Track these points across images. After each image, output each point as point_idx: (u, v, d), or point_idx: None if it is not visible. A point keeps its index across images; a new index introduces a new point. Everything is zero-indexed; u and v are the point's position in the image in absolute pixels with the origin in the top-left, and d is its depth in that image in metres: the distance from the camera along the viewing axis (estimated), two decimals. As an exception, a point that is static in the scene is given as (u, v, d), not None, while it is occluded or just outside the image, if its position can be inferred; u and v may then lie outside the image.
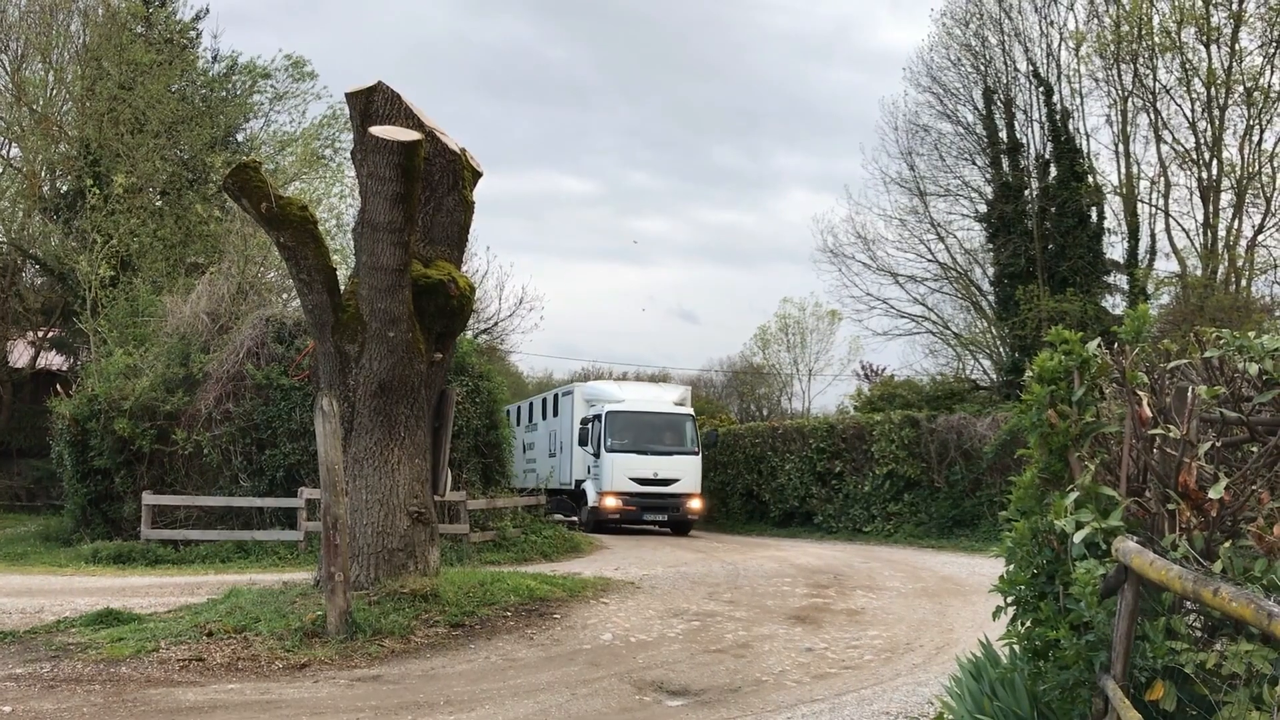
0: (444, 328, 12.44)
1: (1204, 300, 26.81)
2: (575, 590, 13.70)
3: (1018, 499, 5.85)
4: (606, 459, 27.03)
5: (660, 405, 28.90)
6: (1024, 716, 5.61)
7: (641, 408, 28.29)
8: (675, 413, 28.85)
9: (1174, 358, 5.35)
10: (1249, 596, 3.35)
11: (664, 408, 28.84)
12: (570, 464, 28.86)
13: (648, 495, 27.01)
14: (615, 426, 27.32)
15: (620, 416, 27.62)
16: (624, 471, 26.86)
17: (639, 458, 27.08)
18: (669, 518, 27.61)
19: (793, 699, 8.47)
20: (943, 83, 35.54)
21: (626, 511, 26.87)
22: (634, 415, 27.84)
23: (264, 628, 10.22)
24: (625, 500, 26.78)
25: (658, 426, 28.10)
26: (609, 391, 29.57)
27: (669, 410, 28.87)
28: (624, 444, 27.09)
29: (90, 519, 19.97)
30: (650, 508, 27.14)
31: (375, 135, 11.03)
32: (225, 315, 21.36)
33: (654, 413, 28.40)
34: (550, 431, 31.17)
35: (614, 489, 26.79)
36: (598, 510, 26.97)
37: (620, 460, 26.92)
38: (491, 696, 8.53)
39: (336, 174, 30.70)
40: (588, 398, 29.27)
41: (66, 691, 8.48)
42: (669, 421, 28.45)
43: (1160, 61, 30.78)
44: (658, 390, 31.35)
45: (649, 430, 27.76)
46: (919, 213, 36.37)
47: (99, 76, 28.48)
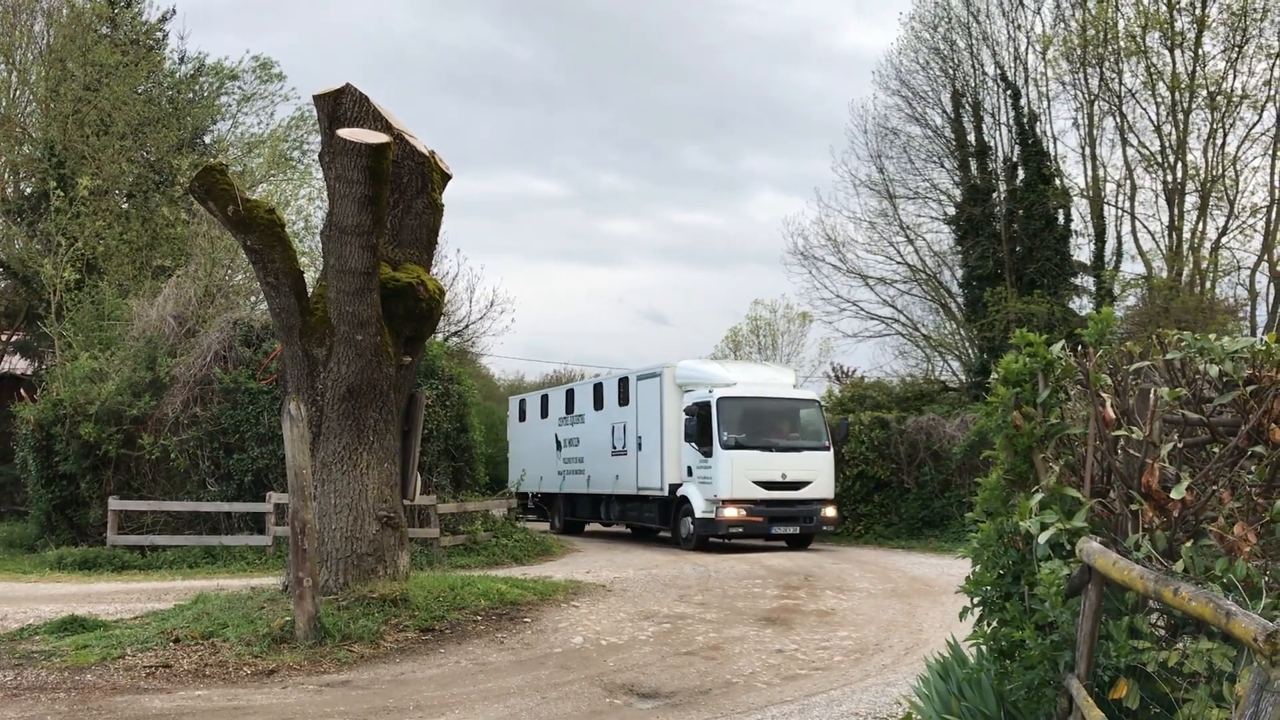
0: (413, 331, 12.40)
1: (1169, 302, 27.09)
2: (546, 594, 13.68)
3: (983, 500, 5.89)
4: (723, 458, 21.43)
5: (780, 389, 23.45)
6: (991, 716, 5.65)
7: (759, 392, 22.74)
8: (800, 398, 23.53)
9: (1137, 360, 5.41)
10: (1208, 596, 3.39)
11: (785, 392, 23.43)
12: (659, 464, 23.04)
13: (776, 503, 21.58)
14: (730, 416, 21.75)
15: (735, 404, 21.98)
16: (745, 473, 21.34)
17: (762, 455, 21.69)
18: (800, 530, 22.21)
19: (763, 700, 8.49)
20: (911, 86, 35.74)
21: (751, 524, 21.42)
22: (752, 402, 22.32)
23: (232, 634, 10.15)
24: (749, 509, 21.29)
25: (781, 416, 22.95)
26: (712, 373, 23.30)
27: (792, 395, 23.47)
28: (743, 438, 21.65)
29: (55, 525, 19.75)
30: (779, 518, 21.68)
31: (343, 138, 10.98)
32: (192, 318, 21.18)
33: (775, 398, 22.99)
34: (615, 424, 25.27)
35: (735, 495, 21.24)
36: (712, 522, 21.48)
37: (741, 459, 21.42)
38: (461, 701, 8.51)
39: (304, 176, 30.51)
40: (684, 381, 23.26)
41: (30, 700, 8.38)
42: (793, 409, 23.19)
43: (1126, 66, 31.08)
44: (770, 371, 25.82)
45: (771, 421, 22.62)
46: (888, 215, 36.55)
47: (63, 77, 28.17)
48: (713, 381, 22.50)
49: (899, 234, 36.42)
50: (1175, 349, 5.08)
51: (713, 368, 23.99)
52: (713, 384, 22.35)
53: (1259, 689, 2.93)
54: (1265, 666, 2.90)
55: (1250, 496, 4.63)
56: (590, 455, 26.46)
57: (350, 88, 11.77)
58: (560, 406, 28.60)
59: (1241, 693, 3.26)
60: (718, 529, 21.35)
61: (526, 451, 30.35)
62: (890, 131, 36.30)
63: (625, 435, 24.72)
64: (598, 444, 26.03)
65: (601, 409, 26.06)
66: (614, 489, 25.17)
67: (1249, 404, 4.74)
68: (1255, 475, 4.68)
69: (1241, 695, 3.18)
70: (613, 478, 25.13)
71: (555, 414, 28.77)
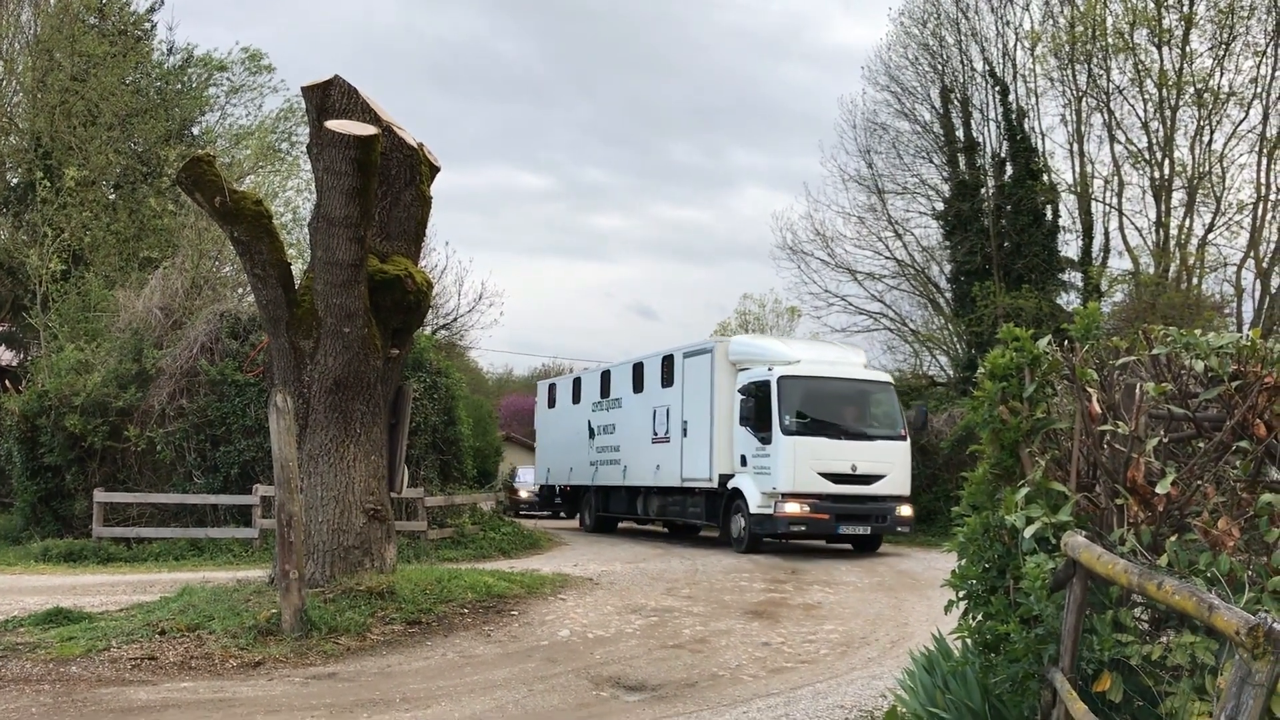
0: (401, 323, 12.37)
1: (1156, 298, 27.20)
2: (533, 587, 13.68)
3: (969, 494, 5.91)
4: (784, 445, 18.80)
5: (849, 369, 20.62)
6: (975, 709, 5.67)
7: (826, 371, 19.97)
8: (873, 380, 20.58)
9: (1123, 355, 5.43)
10: (1191, 589, 3.40)
11: (855, 372, 20.59)
12: (708, 452, 20.45)
13: (844, 499, 18.93)
14: (793, 398, 19.13)
15: (799, 384, 19.28)
16: (810, 463, 18.70)
17: (829, 443, 18.98)
18: (872, 530, 19.53)
19: (749, 693, 8.51)
20: (900, 81, 35.79)
21: (815, 521, 18.78)
22: (818, 383, 19.59)
23: (218, 626, 10.12)
24: (813, 505, 18.64)
25: (851, 399, 20.09)
26: (772, 349, 20.81)
27: (862, 377, 20.56)
28: (806, 424, 19.06)
29: (40, 517, 19.66)
30: (848, 516, 18.97)
31: (332, 130, 10.95)
32: (179, 310, 21.10)
33: (843, 379, 20.10)
34: (657, 408, 22.58)
35: (797, 489, 18.63)
36: (769, 519, 18.87)
37: (805, 447, 18.78)
38: (448, 693, 8.50)
39: (293, 168, 30.36)
40: (738, 358, 20.71)
41: (15, 692, 8.35)
42: (864, 393, 20.27)
43: (1114, 62, 31.17)
44: (837, 350, 22.76)
45: (840, 405, 19.85)
46: (877, 210, 36.60)
47: (50, 68, 27.99)
48: (772, 358, 19.98)
49: (888, 229, 36.51)
50: (1161, 344, 5.11)
51: (772, 343, 21.60)
52: (772, 361, 19.80)
53: (1241, 681, 2.95)
54: (1247, 660, 2.92)
55: (1235, 491, 4.66)
56: (627, 443, 23.93)
57: (339, 79, 11.74)
58: (594, 390, 26.06)
59: (1224, 685, 3.28)
60: (775, 527, 18.72)
61: (556, 441, 28.40)
62: (879, 127, 36.39)
63: (668, 420, 22.00)
64: (636, 431, 23.42)
65: (641, 391, 23.45)
66: (654, 481, 22.72)
67: (1234, 399, 4.77)
68: (1240, 470, 4.70)
69: (1224, 688, 3.20)
70: (653, 468, 22.61)
71: (588, 399, 26.30)
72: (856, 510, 18.95)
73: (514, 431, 54.04)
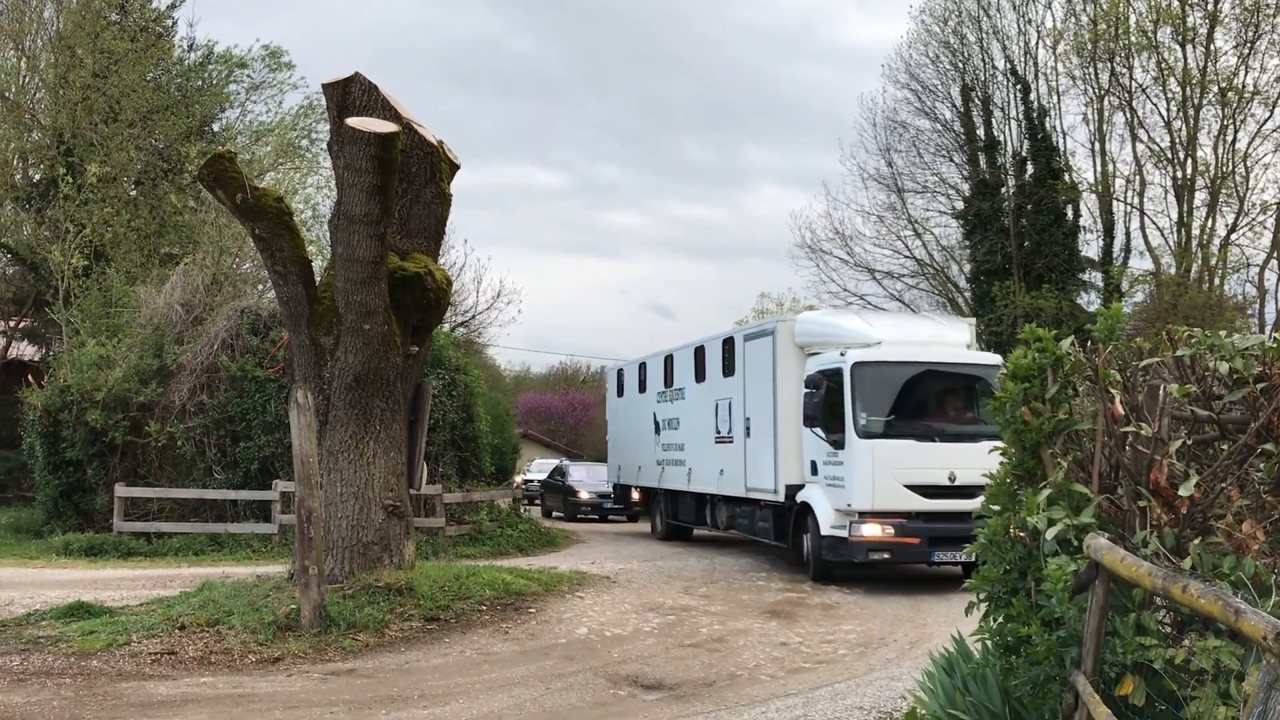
0: (420, 320, 12.40)
1: (1178, 298, 27.04)
2: (551, 585, 13.69)
3: (991, 495, 5.89)
4: (860, 450, 14.71)
5: (947, 350, 16.01)
6: (995, 711, 5.65)
7: (916, 355, 15.54)
8: (976, 363, 15.73)
9: (1146, 356, 5.39)
10: (1217, 593, 3.38)
11: (956, 355, 15.95)
12: (773, 457, 16.55)
13: (940, 517, 14.52)
14: (871, 389, 15.03)
15: (879, 372, 15.13)
16: (894, 473, 14.62)
17: (920, 447, 14.75)
18: None
19: (767, 693, 8.50)
20: (921, 80, 35.72)
21: (901, 546, 14.68)
22: (905, 369, 15.37)
23: (237, 621, 10.18)
24: (899, 527, 14.58)
25: (948, 390, 15.87)
26: (847, 327, 16.32)
27: (964, 360, 15.84)
28: (890, 423, 14.96)
29: (62, 511, 19.80)
30: (945, 539, 14.45)
31: (352, 127, 10.98)
32: (200, 306, 21.19)
33: (941, 365, 15.59)
34: (720, 401, 18.77)
35: (878, 505, 14.59)
36: (843, 544, 14.78)
37: (886, 452, 14.67)
38: (466, 690, 8.52)
39: (313, 165, 30.48)
40: (806, 340, 16.50)
41: (36, 685, 8.42)
42: (968, 382, 15.72)
43: (1137, 61, 31.02)
44: (933, 326, 17.64)
45: (935, 397, 15.79)
46: (897, 209, 36.56)
47: (73, 64, 28.15)
48: (847, 339, 15.71)
49: (907, 228, 36.44)
50: (1185, 345, 5.07)
51: (847, 320, 16.93)
52: (847, 342, 15.53)
53: (1269, 686, 2.93)
54: (1275, 665, 2.89)
55: (1259, 494, 4.62)
56: (691, 442, 20.13)
57: (359, 76, 11.77)
58: (658, 377, 22.11)
59: (1249, 690, 3.26)
60: (852, 553, 14.66)
61: (623, 435, 25.04)
62: (899, 125, 36.34)
63: (730, 416, 18.38)
64: (699, 427, 19.71)
65: (703, 381, 19.62)
66: (717, 488, 19.05)
67: (1259, 401, 4.73)
68: (1264, 473, 4.66)
69: (1250, 693, 3.18)
70: (716, 473, 18.95)
71: (653, 387, 22.45)
72: (957, 531, 13.54)
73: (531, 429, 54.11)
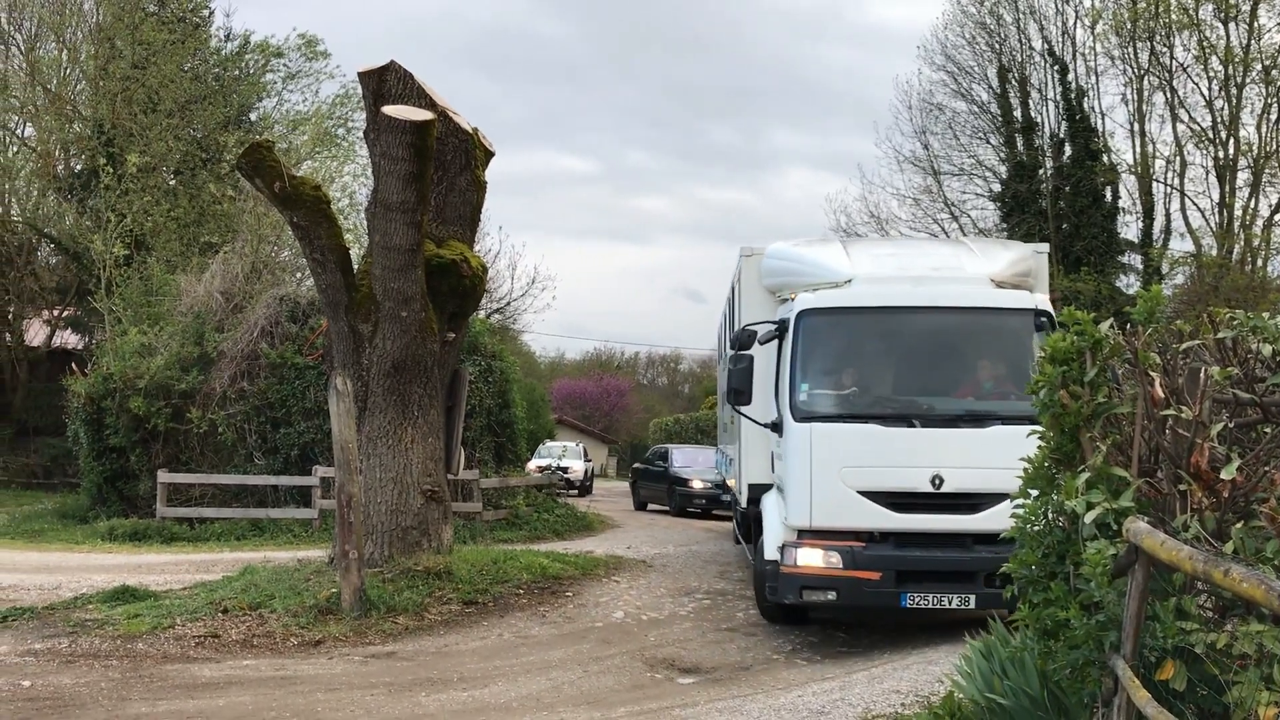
0: (457, 307, 12.48)
1: (1219, 280, 26.65)
2: (587, 568, 13.76)
3: (1028, 479, 5.86)
4: (795, 438, 10.18)
5: (952, 291, 10.54)
6: (1034, 695, 5.64)
7: (893, 298, 10.50)
8: (988, 308, 10.46)
9: (1187, 338, 5.35)
10: (1260, 577, 3.36)
11: (959, 294, 10.51)
12: (739, 452, 13.08)
13: (918, 539, 9.95)
14: (821, 350, 10.60)
15: (835, 323, 10.64)
16: (842, 473, 9.92)
17: (887, 435, 9.99)
18: (977, 599, 9.65)
19: (803, 677, 8.52)
20: (957, 61, 35.35)
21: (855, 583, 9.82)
22: (873, 319, 10.65)
23: (279, 605, 10.31)
24: (849, 554, 9.88)
25: (939, 348, 10.77)
26: (820, 263, 11.24)
27: (968, 304, 10.49)
28: (842, 398, 10.47)
29: (106, 497, 20.11)
30: (924, 574, 9.87)
31: (388, 115, 11.04)
32: (239, 294, 21.39)
33: (928, 309, 10.50)
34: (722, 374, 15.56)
35: (819, 522, 9.98)
36: (781, 575, 10.09)
37: (832, 442, 10.00)
38: (505, 673, 8.60)
39: (349, 153, 30.63)
40: (773, 281, 12.00)
41: (84, 666, 8.58)
42: (968, 332, 10.74)
43: (1178, 39, 30.53)
44: (949, 254, 11.71)
45: (919, 359, 10.81)
46: (933, 192, 36.23)
47: (112, 56, 28.48)
48: (815, 277, 10.88)
49: (943, 211, 36.12)
50: (1227, 328, 5.02)
51: (821, 252, 11.48)
52: (815, 283, 10.80)
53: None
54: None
55: (1302, 478, 4.57)
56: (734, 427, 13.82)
57: (394, 65, 11.82)
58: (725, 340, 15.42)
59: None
60: (787, 588, 9.96)
61: None
62: (935, 107, 35.98)
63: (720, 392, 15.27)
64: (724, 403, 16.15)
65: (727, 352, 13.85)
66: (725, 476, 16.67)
67: (1303, 384, 4.68)
68: (1308, 456, 4.62)
69: (1291, 677, 3.16)
70: (726, 461, 16.66)
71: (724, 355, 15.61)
72: (942, 562, 9.76)
73: (566, 415, 54.24)
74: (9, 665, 8.60)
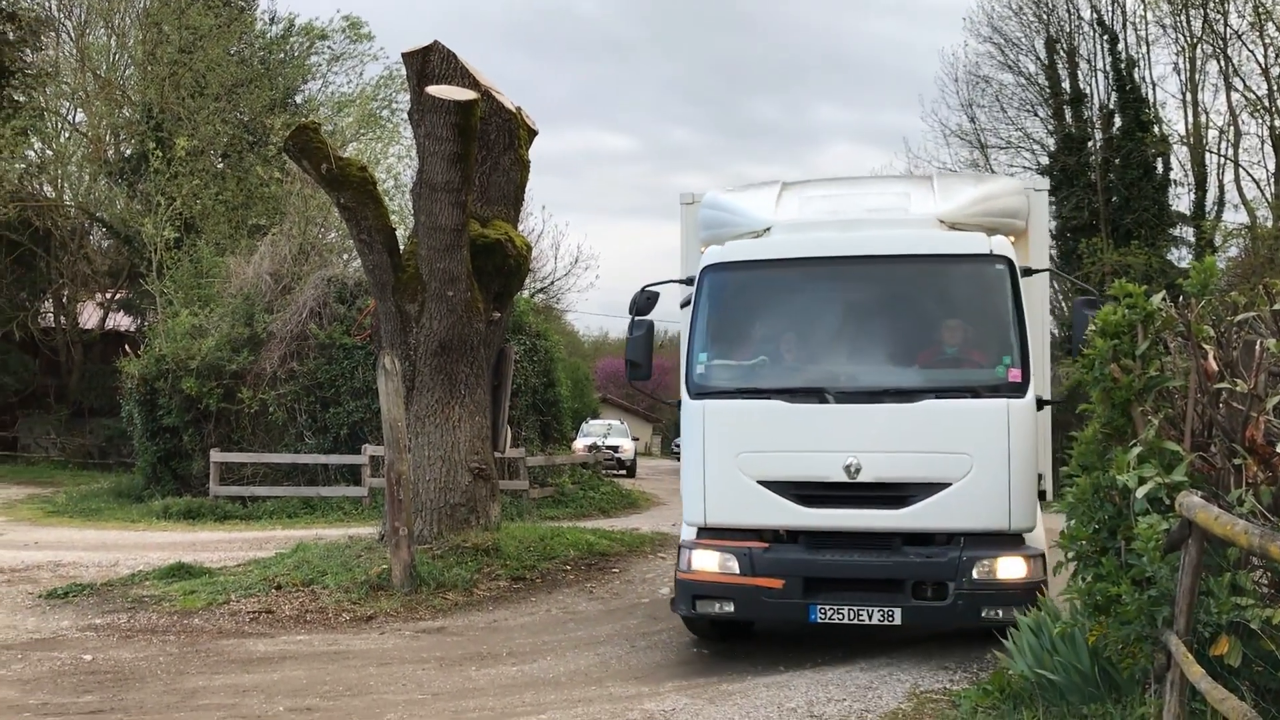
0: (502, 287, 12.53)
1: (1274, 252, 26.15)
2: (633, 545, 13.82)
3: (1079, 454, 5.82)
4: (689, 416, 8.21)
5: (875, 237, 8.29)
6: (1084, 670, 5.61)
7: (815, 248, 8.42)
8: (924, 254, 8.25)
9: (1242, 310, 5.27)
10: (1316, 551, 3.32)
11: (884, 243, 8.24)
12: None
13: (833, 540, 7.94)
14: (723, 312, 8.48)
15: (741, 280, 8.53)
16: (740, 459, 7.97)
17: (791, 413, 7.98)
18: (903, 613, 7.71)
19: (853, 652, 8.50)
20: (1004, 33, 34.86)
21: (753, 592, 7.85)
22: (783, 272, 8.50)
23: (331, 581, 10.46)
24: (747, 556, 7.90)
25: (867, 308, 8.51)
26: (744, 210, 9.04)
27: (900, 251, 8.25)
28: (742, 369, 8.51)
29: (160, 476, 20.48)
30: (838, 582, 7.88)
31: (432, 95, 11.09)
32: (288, 276, 21.62)
33: (847, 260, 8.33)
34: None
35: (714, 518, 8.08)
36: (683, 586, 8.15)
37: (727, 421, 8.10)
38: (553, 648, 8.68)
39: (394, 135, 30.76)
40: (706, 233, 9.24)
41: (143, 641, 8.77)
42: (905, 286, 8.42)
43: (1232, 5, 29.90)
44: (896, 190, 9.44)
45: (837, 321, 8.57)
46: (980, 166, 35.77)
47: (160, 41, 28.78)
48: (739, 225, 8.96)
49: (991, 185, 35.65)
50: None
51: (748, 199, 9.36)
52: (738, 231, 8.89)
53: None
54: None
55: (1361, 451, 4.50)
56: None
57: (438, 45, 11.86)
58: None
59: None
60: (681, 598, 8.26)
61: None
62: (982, 80, 35.54)
63: None
64: None
65: None
66: None
67: (1361, 356, 4.60)
68: (1366, 429, 4.55)
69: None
70: None
71: None
72: (860, 568, 7.94)
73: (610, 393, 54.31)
74: (71, 640, 8.82)
